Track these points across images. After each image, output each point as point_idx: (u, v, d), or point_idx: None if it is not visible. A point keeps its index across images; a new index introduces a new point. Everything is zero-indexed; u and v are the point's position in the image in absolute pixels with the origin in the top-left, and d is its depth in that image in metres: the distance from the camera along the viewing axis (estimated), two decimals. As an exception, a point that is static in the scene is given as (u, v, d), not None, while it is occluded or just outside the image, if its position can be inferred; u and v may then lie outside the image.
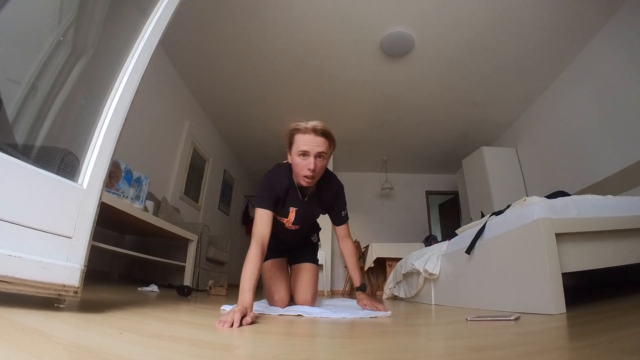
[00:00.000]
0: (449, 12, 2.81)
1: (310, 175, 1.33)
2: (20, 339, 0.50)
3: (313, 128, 1.31)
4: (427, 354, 0.65)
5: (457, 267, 1.92)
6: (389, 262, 4.27)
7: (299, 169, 1.35)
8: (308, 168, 1.31)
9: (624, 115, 2.76)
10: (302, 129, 1.32)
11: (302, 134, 1.32)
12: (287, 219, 1.52)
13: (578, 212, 1.31)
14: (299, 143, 1.32)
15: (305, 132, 1.31)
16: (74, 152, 0.95)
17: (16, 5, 1.04)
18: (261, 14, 2.87)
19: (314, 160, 1.31)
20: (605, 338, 0.68)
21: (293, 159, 1.36)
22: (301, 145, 1.31)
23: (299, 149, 1.32)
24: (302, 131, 1.32)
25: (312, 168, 1.30)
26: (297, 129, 1.33)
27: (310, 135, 1.31)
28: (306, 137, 1.31)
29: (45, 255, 0.74)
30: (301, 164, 1.33)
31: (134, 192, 2.12)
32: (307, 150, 1.31)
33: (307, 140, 1.31)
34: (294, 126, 1.34)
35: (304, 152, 1.31)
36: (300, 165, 1.33)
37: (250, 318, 0.96)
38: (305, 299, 1.62)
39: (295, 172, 1.38)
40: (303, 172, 1.33)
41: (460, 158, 5.04)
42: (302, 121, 1.34)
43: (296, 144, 1.33)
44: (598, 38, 2.98)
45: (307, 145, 1.30)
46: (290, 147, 1.37)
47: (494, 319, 1.04)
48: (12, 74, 1.09)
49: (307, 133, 1.31)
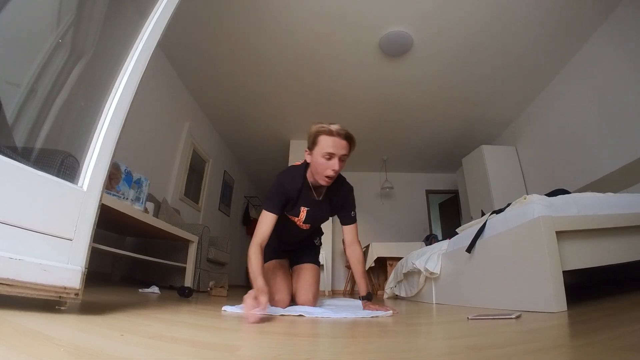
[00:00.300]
0: (448, 12, 2.81)
1: (332, 176, 1.39)
2: (22, 341, 0.50)
3: (338, 131, 1.36)
4: (428, 353, 0.65)
5: (458, 266, 1.92)
6: (390, 262, 4.27)
7: (321, 169, 1.39)
8: (332, 169, 1.37)
9: (623, 112, 2.76)
10: (328, 131, 1.37)
11: (328, 136, 1.36)
12: (298, 218, 1.56)
13: (578, 209, 1.31)
14: (325, 145, 1.36)
15: (331, 135, 1.36)
16: (73, 154, 0.95)
17: (15, 8, 1.04)
18: (260, 14, 2.87)
19: (338, 162, 1.37)
20: (606, 335, 0.68)
21: (315, 159, 1.40)
22: (327, 147, 1.36)
23: (324, 151, 1.36)
24: (328, 133, 1.37)
25: (336, 169, 1.37)
26: (323, 131, 1.37)
27: (336, 138, 1.36)
28: (332, 140, 1.36)
29: (46, 258, 0.74)
30: (325, 164, 1.37)
31: (134, 194, 2.12)
32: (333, 153, 1.36)
33: (333, 142, 1.36)
34: (320, 128, 1.38)
35: (330, 154, 1.36)
36: (323, 166, 1.38)
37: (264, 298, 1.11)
38: (307, 298, 1.61)
39: (316, 171, 1.42)
40: (326, 173, 1.38)
41: (460, 157, 5.04)
42: (325, 123, 1.39)
43: (320, 145, 1.37)
44: (596, 36, 2.98)
45: (333, 148, 1.35)
46: (312, 147, 1.41)
47: (495, 318, 1.04)
48: (12, 76, 1.09)
49: (333, 136, 1.36)
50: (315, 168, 1.42)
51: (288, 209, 1.52)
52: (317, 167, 1.41)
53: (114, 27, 1.32)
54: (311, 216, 1.56)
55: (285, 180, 1.49)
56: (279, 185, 1.47)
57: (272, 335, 0.85)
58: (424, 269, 2.25)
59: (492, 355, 0.56)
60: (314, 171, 1.44)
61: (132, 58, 1.00)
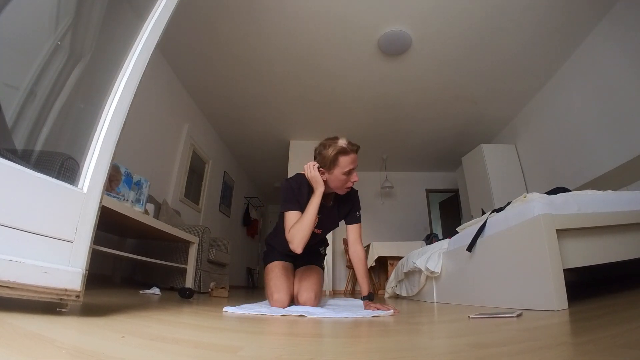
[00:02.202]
0: (446, 10, 2.81)
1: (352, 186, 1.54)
2: (23, 344, 0.50)
3: (350, 148, 1.48)
4: (430, 352, 0.65)
5: (459, 264, 1.92)
6: (391, 261, 4.27)
7: (342, 184, 1.51)
8: (352, 181, 1.51)
9: (622, 110, 2.76)
10: (344, 150, 1.47)
11: (346, 156, 1.47)
12: None
13: (578, 207, 1.31)
14: (345, 164, 1.47)
15: (347, 154, 1.47)
16: (73, 156, 0.95)
17: (13, 10, 1.04)
18: (258, 15, 2.87)
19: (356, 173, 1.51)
20: (608, 333, 0.68)
21: (335, 176, 1.50)
22: (347, 165, 1.47)
23: (345, 169, 1.47)
24: (344, 153, 1.47)
25: (356, 180, 1.51)
26: (342, 151, 1.47)
27: (353, 155, 1.49)
28: (350, 158, 1.48)
29: (47, 260, 0.74)
30: (345, 179, 1.49)
31: (135, 195, 2.12)
32: (353, 169, 1.49)
33: (351, 160, 1.48)
34: (339, 149, 1.47)
35: (350, 170, 1.49)
36: (344, 181, 1.50)
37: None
38: (309, 297, 1.61)
39: (336, 186, 1.53)
40: (347, 185, 1.52)
41: (459, 155, 5.04)
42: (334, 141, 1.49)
43: (341, 165, 1.47)
44: (595, 34, 2.98)
45: (352, 164, 1.48)
46: (331, 168, 1.49)
47: (496, 316, 1.04)
48: (11, 79, 1.09)
49: (349, 154, 1.48)
50: (335, 183, 1.52)
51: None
52: (337, 182, 1.51)
53: (113, 29, 1.32)
54: (323, 222, 1.63)
55: (297, 185, 1.57)
56: (290, 189, 1.56)
57: (274, 335, 0.85)
58: (425, 268, 2.25)
59: (494, 353, 0.56)
60: (333, 185, 1.53)
61: (131, 60, 1.00)
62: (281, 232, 1.66)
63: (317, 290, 1.68)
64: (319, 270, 1.81)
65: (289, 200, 1.54)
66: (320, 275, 1.78)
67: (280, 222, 1.72)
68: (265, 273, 1.76)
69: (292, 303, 1.65)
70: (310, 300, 1.60)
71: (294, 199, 1.54)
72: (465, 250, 1.74)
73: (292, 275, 1.77)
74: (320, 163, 1.51)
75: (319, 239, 1.79)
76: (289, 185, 1.57)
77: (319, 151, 1.53)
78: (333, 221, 1.70)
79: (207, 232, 3.10)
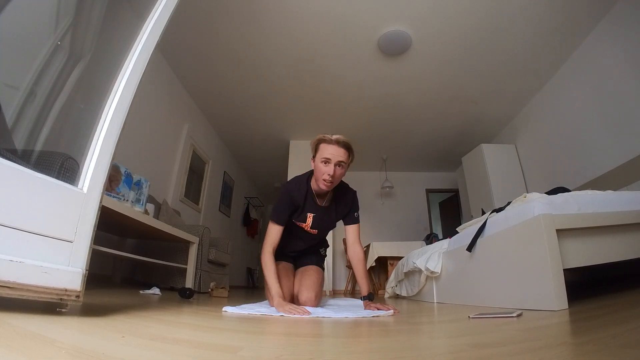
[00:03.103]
0: (446, 10, 2.81)
1: (329, 180, 1.49)
2: (23, 344, 0.50)
3: (337, 140, 1.50)
4: (430, 352, 0.65)
5: (459, 264, 1.92)
6: (391, 261, 4.27)
7: (320, 174, 1.52)
8: (328, 173, 1.48)
9: (622, 110, 2.76)
10: (328, 140, 1.51)
11: (327, 144, 1.50)
12: (305, 224, 1.65)
13: (578, 207, 1.31)
14: (323, 151, 1.50)
15: (329, 143, 1.50)
16: (73, 156, 0.95)
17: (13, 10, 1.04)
18: (258, 15, 2.87)
19: (334, 167, 1.48)
20: (608, 333, 0.68)
21: (316, 165, 1.54)
22: (325, 153, 1.49)
23: (322, 156, 1.49)
24: (327, 142, 1.51)
25: (331, 174, 1.48)
26: (324, 139, 1.52)
27: (334, 146, 1.49)
28: (330, 147, 1.49)
29: (47, 260, 0.74)
30: (323, 169, 1.50)
31: (135, 195, 2.12)
32: (329, 158, 1.48)
33: (331, 150, 1.49)
34: (321, 137, 1.53)
35: (327, 160, 1.48)
36: (322, 171, 1.50)
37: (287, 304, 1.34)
38: (309, 296, 1.61)
39: (316, 176, 1.55)
40: (323, 177, 1.50)
41: (459, 155, 5.04)
42: (328, 134, 1.53)
43: (320, 152, 1.51)
44: (595, 33, 2.98)
45: (330, 154, 1.48)
46: (315, 155, 1.55)
47: (496, 316, 1.04)
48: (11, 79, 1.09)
49: (332, 144, 1.49)
50: (316, 173, 1.55)
51: (295, 216, 1.62)
52: (317, 172, 1.54)
53: (112, 29, 1.32)
54: (318, 222, 1.65)
55: (291, 188, 1.60)
56: (286, 194, 1.59)
57: (274, 335, 0.85)
58: (425, 268, 2.25)
59: (494, 353, 0.56)
60: (315, 177, 1.56)
61: (131, 60, 1.00)
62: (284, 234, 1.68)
63: (318, 290, 1.68)
64: (320, 270, 1.82)
65: (280, 211, 1.57)
66: (320, 276, 1.79)
67: None
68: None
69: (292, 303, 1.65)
70: (311, 300, 1.60)
71: (284, 210, 1.57)
72: (465, 250, 1.74)
73: (292, 276, 1.77)
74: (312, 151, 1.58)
75: (318, 239, 1.79)
76: (286, 190, 1.60)
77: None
78: (330, 222, 1.71)
79: (207, 232, 3.10)
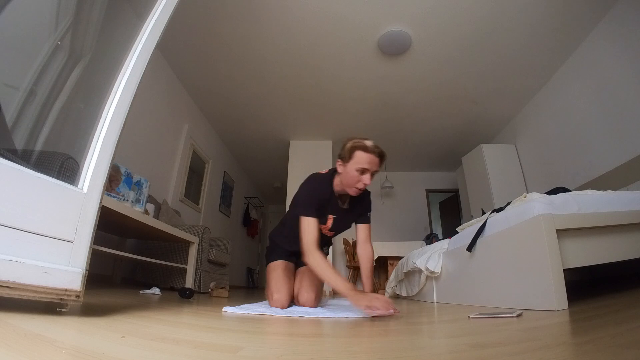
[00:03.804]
0: (446, 10, 2.81)
1: (362, 189, 1.46)
2: (23, 344, 0.50)
3: (373, 149, 1.42)
4: (430, 352, 0.65)
5: (459, 264, 1.92)
6: (391, 261, 4.27)
7: (352, 181, 1.45)
8: (364, 183, 1.44)
9: (622, 109, 2.76)
10: (365, 147, 1.42)
11: (364, 153, 1.42)
12: (325, 226, 1.63)
13: (578, 207, 1.31)
14: (360, 160, 1.42)
15: (367, 152, 1.42)
16: (73, 156, 0.95)
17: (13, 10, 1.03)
18: (258, 15, 2.87)
19: (370, 177, 1.44)
20: (608, 333, 0.68)
21: (348, 171, 1.45)
22: (362, 162, 1.41)
23: (359, 165, 1.42)
24: (364, 150, 1.42)
25: (367, 183, 1.44)
26: (361, 147, 1.43)
27: (372, 156, 1.42)
28: (368, 157, 1.41)
29: (47, 260, 0.74)
30: (357, 177, 1.43)
31: (135, 196, 2.12)
32: (367, 168, 1.42)
33: (369, 159, 1.41)
34: (358, 143, 1.44)
35: (364, 169, 1.42)
36: (355, 179, 1.44)
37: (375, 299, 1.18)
38: (309, 297, 1.61)
39: (347, 182, 1.48)
40: (357, 185, 1.45)
41: (459, 155, 5.04)
42: (360, 138, 1.46)
43: (356, 159, 1.42)
44: (595, 33, 2.98)
45: (368, 164, 1.42)
46: (347, 160, 1.46)
47: (496, 316, 1.04)
48: (10, 79, 1.09)
49: (369, 153, 1.42)
50: (346, 179, 1.48)
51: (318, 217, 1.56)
52: (348, 179, 1.46)
53: (112, 29, 1.32)
54: (337, 224, 1.64)
55: (316, 187, 1.54)
56: (312, 192, 1.52)
57: (274, 335, 0.85)
58: (425, 268, 2.25)
59: (494, 353, 0.56)
60: (344, 181, 1.49)
61: (131, 60, 1.00)
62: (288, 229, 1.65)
63: (317, 292, 1.68)
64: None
65: (309, 204, 1.47)
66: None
67: (289, 220, 1.70)
68: (267, 271, 1.77)
69: (292, 303, 1.65)
70: (310, 301, 1.60)
71: (313, 203, 1.47)
72: (465, 250, 1.74)
73: (293, 276, 1.77)
74: (340, 154, 1.51)
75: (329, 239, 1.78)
76: (310, 188, 1.53)
77: (343, 143, 1.51)
78: (347, 223, 1.70)
79: (207, 232, 3.10)
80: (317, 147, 5.17)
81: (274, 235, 1.87)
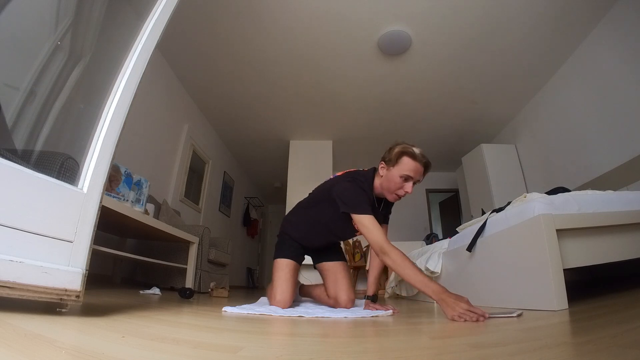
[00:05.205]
0: (446, 10, 2.81)
1: (402, 196, 1.44)
2: (23, 344, 0.50)
3: (421, 158, 1.39)
4: (430, 352, 0.65)
5: (459, 264, 1.92)
6: (391, 261, 4.25)
7: (394, 187, 1.42)
8: (405, 191, 1.41)
9: (622, 109, 2.76)
10: (412, 154, 1.38)
11: (412, 160, 1.38)
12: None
13: (579, 207, 1.31)
14: (406, 167, 1.38)
15: (415, 159, 1.38)
16: (73, 156, 0.95)
17: (13, 10, 1.03)
18: (258, 15, 2.87)
19: (412, 185, 1.40)
20: (608, 333, 0.68)
21: (391, 176, 1.42)
22: (408, 170, 1.38)
23: (404, 172, 1.38)
24: (413, 157, 1.38)
25: (409, 192, 1.41)
26: (409, 153, 1.39)
27: (419, 164, 1.39)
28: (415, 165, 1.38)
29: (47, 260, 0.74)
30: (399, 184, 1.40)
31: (135, 196, 2.12)
32: (412, 176, 1.39)
33: (415, 168, 1.38)
34: (407, 149, 1.40)
35: (408, 177, 1.39)
36: (397, 185, 1.41)
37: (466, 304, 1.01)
38: (349, 298, 1.63)
39: (388, 187, 1.44)
40: (398, 192, 1.43)
41: (459, 155, 5.04)
42: (409, 144, 1.42)
43: (402, 165, 1.39)
44: (595, 33, 2.98)
45: (414, 172, 1.38)
46: (392, 164, 1.42)
47: (496, 316, 1.04)
48: (10, 79, 1.09)
49: (417, 161, 1.38)
50: (388, 184, 1.44)
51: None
52: (390, 184, 1.43)
53: (112, 29, 1.32)
54: None
55: (365, 186, 1.49)
56: (362, 190, 1.46)
57: (274, 335, 0.85)
58: (425, 268, 2.25)
59: (494, 353, 0.56)
60: (384, 185, 1.46)
61: (131, 60, 1.00)
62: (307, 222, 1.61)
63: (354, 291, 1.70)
64: (348, 267, 1.82)
65: (365, 201, 1.39)
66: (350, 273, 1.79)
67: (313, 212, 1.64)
68: (274, 267, 1.71)
69: (291, 304, 1.66)
70: (351, 302, 1.63)
71: (367, 200, 1.41)
72: (465, 250, 1.74)
73: (296, 275, 1.76)
74: (384, 156, 1.46)
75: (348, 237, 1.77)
76: (358, 187, 1.46)
77: (390, 146, 1.48)
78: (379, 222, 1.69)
79: (207, 232, 3.10)
80: (317, 147, 5.17)
81: (288, 229, 1.78)
